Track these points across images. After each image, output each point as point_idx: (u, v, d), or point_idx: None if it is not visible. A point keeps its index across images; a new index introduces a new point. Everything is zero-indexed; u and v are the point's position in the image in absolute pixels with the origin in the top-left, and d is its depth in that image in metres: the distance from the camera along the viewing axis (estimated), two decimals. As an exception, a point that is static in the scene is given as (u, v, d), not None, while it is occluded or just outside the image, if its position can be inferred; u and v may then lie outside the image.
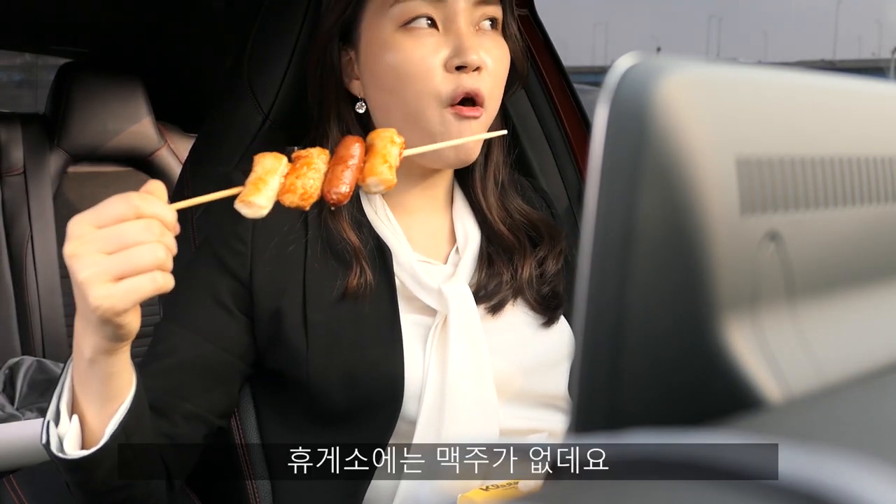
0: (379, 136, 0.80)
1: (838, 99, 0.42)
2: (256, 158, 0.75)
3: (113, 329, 0.67)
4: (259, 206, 0.73)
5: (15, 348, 2.00)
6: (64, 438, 0.73)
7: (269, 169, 0.74)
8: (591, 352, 0.33)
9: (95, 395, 0.73)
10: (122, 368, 0.73)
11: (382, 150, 0.79)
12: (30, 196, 2.05)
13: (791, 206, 0.37)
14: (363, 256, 0.90)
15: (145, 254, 0.64)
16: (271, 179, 0.74)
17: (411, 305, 0.91)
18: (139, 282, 0.64)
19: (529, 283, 0.96)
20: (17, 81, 9.21)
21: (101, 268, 0.64)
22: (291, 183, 0.75)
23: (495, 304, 0.93)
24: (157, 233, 0.65)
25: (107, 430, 0.73)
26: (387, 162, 0.78)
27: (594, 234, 0.33)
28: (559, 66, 1.36)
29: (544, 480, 0.35)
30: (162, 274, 0.66)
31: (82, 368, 0.72)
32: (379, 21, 0.90)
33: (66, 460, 0.73)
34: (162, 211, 0.67)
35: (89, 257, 0.64)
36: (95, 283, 0.64)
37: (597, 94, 0.33)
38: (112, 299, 0.64)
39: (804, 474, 0.26)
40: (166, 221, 0.67)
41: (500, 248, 0.97)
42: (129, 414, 0.74)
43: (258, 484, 0.95)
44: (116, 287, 0.64)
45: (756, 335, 0.35)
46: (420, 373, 0.87)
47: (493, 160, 1.00)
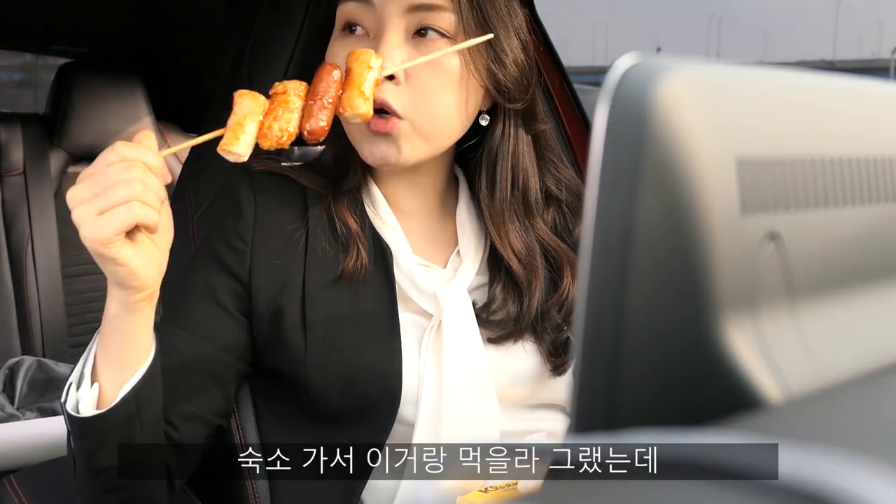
0: (357, 60, 0.80)
1: (838, 99, 0.42)
2: (236, 97, 0.78)
3: (116, 270, 0.72)
4: (238, 155, 0.76)
5: (15, 348, 2.00)
6: (81, 401, 0.77)
7: (247, 111, 0.77)
8: (591, 352, 0.33)
9: (114, 359, 0.77)
10: (142, 331, 0.77)
11: (358, 78, 0.79)
12: (30, 196, 2.06)
13: (791, 206, 0.37)
14: (360, 241, 0.90)
15: (121, 187, 0.69)
16: (248, 124, 0.76)
17: (408, 305, 0.91)
18: (115, 211, 0.69)
19: (540, 324, 0.91)
20: (17, 81, 9.20)
21: (88, 207, 0.70)
22: (269, 126, 0.77)
23: (497, 337, 0.90)
24: (137, 173, 0.70)
25: (120, 391, 0.77)
26: (362, 94, 0.79)
27: (594, 234, 0.32)
28: (559, 66, 1.36)
29: (544, 481, 0.35)
30: (140, 205, 0.70)
31: (106, 331, 0.77)
32: (336, 22, 0.90)
33: (78, 419, 0.77)
34: (145, 155, 0.72)
35: (79, 200, 0.70)
36: (83, 220, 0.70)
37: (597, 94, 0.33)
38: (93, 229, 0.69)
39: (804, 474, 0.26)
40: (150, 165, 0.72)
41: (509, 282, 0.92)
42: (144, 380, 0.77)
43: (257, 484, 0.95)
44: (98, 219, 0.69)
45: (756, 335, 0.35)
46: (416, 374, 0.87)
47: (503, 178, 0.92)
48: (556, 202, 0.98)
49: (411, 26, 0.86)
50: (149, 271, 0.73)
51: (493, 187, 0.93)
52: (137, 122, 2.18)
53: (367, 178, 0.94)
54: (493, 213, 0.93)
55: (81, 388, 0.78)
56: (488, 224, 0.93)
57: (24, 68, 8.84)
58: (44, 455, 1.41)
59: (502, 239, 0.92)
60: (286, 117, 0.77)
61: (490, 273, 0.94)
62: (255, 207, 0.90)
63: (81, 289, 2.11)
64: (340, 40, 0.88)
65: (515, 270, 0.92)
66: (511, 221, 0.93)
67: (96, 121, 2.13)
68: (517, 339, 0.90)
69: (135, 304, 0.75)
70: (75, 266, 2.11)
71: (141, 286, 0.74)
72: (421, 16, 0.85)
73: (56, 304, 2.05)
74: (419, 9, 0.85)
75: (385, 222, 0.93)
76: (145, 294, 0.75)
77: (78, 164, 2.15)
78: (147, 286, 0.74)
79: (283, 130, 0.77)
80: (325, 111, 0.78)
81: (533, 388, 0.91)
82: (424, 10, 0.85)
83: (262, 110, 0.77)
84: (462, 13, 0.85)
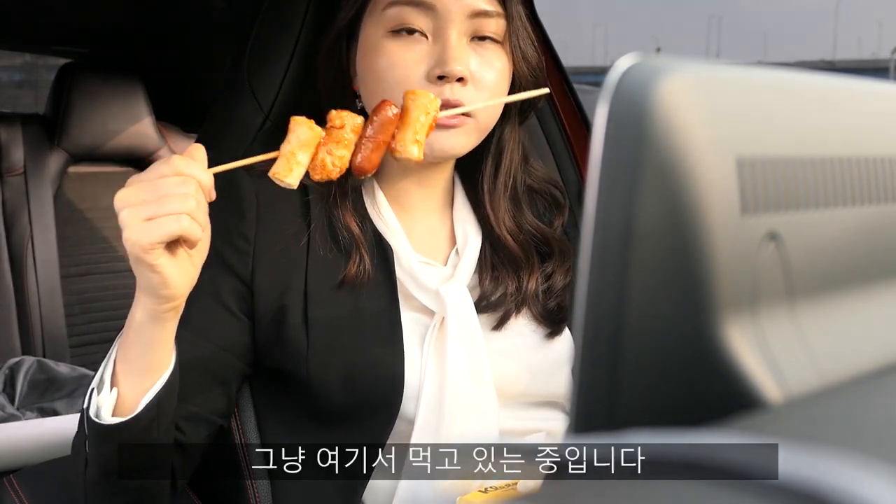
0: (414, 101, 0.81)
1: (838, 99, 0.42)
2: (292, 124, 0.78)
3: (150, 276, 0.73)
4: (289, 184, 0.78)
5: (15, 348, 2.00)
6: (102, 407, 0.78)
7: (303, 142, 0.78)
8: (591, 352, 0.33)
9: (135, 367, 0.78)
10: (165, 341, 0.78)
11: (414, 121, 0.80)
12: (30, 196, 2.05)
13: (791, 206, 0.37)
14: (363, 245, 0.91)
15: (175, 200, 0.71)
16: (301, 155, 0.78)
17: (410, 304, 0.91)
18: (164, 220, 0.71)
19: (535, 297, 0.96)
20: (18, 81, 9.21)
21: (137, 211, 0.71)
22: (322, 160, 0.78)
23: (499, 318, 0.93)
24: (191, 189, 0.71)
25: (142, 400, 0.77)
26: (416, 140, 0.80)
27: (594, 234, 0.32)
28: (559, 66, 1.36)
29: (543, 481, 0.35)
30: (189, 219, 0.71)
31: (129, 337, 0.77)
32: (374, 23, 0.90)
33: (100, 425, 0.77)
34: (199, 173, 0.73)
35: (129, 202, 0.71)
36: (129, 223, 0.71)
37: (597, 94, 0.33)
38: (138, 233, 0.70)
39: (804, 474, 0.26)
40: (202, 182, 0.73)
41: (506, 259, 0.97)
42: (165, 389, 0.78)
43: (258, 484, 0.95)
44: (145, 224, 0.71)
45: (756, 335, 0.35)
46: (418, 372, 0.87)
47: (505, 168, 0.99)
48: (531, 192, 1.03)
49: (469, 31, 0.90)
50: (181, 283, 0.74)
51: (495, 177, 0.98)
52: (137, 122, 2.18)
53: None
54: (494, 199, 0.98)
55: (101, 393, 0.78)
56: (487, 210, 0.97)
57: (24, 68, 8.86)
58: (44, 455, 1.41)
59: (500, 222, 0.97)
60: (339, 153, 0.79)
61: (482, 265, 0.96)
62: (257, 207, 0.90)
63: (81, 289, 2.11)
64: (395, 39, 0.89)
65: (512, 249, 0.96)
66: (506, 204, 0.99)
67: (96, 121, 2.13)
68: (518, 313, 0.94)
69: (162, 313, 0.75)
70: (75, 266, 2.11)
71: (170, 296, 0.74)
72: (480, 21, 0.90)
73: (56, 304, 2.05)
74: (479, 15, 0.90)
75: (386, 222, 0.94)
76: (172, 305, 0.75)
77: (78, 165, 2.15)
78: (176, 297, 0.75)
79: (335, 166, 0.78)
80: (377, 152, 0.80)
81: (532, 377, 0.92)
82: (483, 16, 0.90)
83: (316, 141, 0.78)
84: (509, 19, 0.92)
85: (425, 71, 0.88)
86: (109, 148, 2.16)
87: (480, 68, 0.89)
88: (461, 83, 0.88)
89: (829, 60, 54.67)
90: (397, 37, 0.89)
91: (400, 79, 0.88)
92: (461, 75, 0.87)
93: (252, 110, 1.05)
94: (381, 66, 0.89)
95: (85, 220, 2.13)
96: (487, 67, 0.90)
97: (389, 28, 0.89)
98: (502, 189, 0.98)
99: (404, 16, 0.88)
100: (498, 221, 0.97)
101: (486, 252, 0.97)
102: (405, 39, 0.89)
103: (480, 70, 0.89)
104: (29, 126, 2.12)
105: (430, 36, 0.89)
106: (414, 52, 0.88)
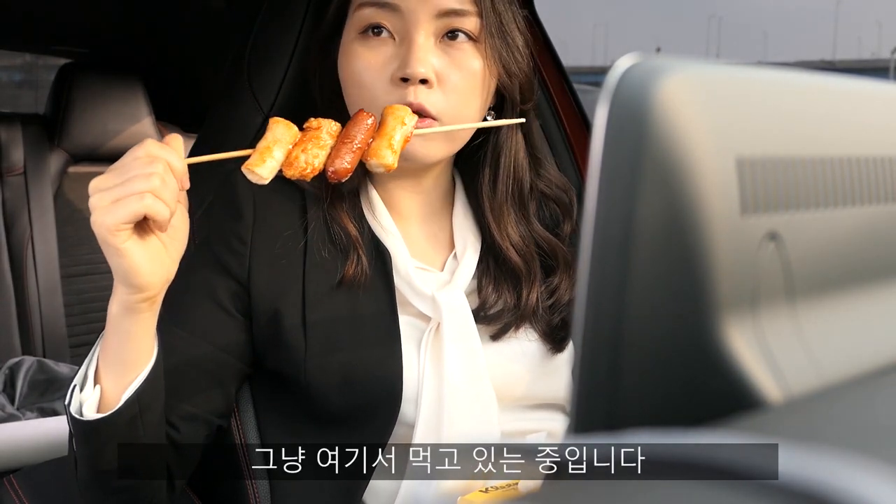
0: (392, 114, 0.82)
1: (838, 99, 0.42)
2: (270, 123, 0.80)
3: (118, 261, 0.72)
4: (261, 177, 0.78)
5: (15, 348, 2.00)
6: (84, 403, 0.77)
7: (278, 138, 0.79)
8: (591, 352, 0.33)
9: (116, 360, 0.77)
10: (143, 333, 0.77)
11: (391, 131, 0.81)
12: (30, 196, 2.06)
13: (791, 206, 0.37)
14: (360, 246, 0.90)
15: (139, 180, 0.71)
16: (277, 151, 0.79)
17: (406, 308, 0.91)
18: (128, 199, 0.70)
19: (537, 312, 0.93)
20: (18, 81, 9.20)
21: (105, 194, 0.71)
22: (296, 156, 0.79)
23: (496, 331, 0.91)
24: (157, 168, 0.71)
25: (123, 395, 0.77)
26: (391, 147, 0.81)
27: (594, 234, 0.32)
28: (559, 66, 1.36)
29: (544, 481, 0.35)
30: (152, 197, 0.71)
31: (108, 330, 0.77)
32: (349, 26, 0.90)
33: (81, 422, 0.77)
34: (169, 155, 0.73)
35: (99, 188, 0.72)
36: (96, 206, 0.71)
37: (597, 94, 0.33)
38: (103, 215, 0.71)
39: (804, 474, 0.26)
40: (173, 165, 0.73)
41: (507, 271, 0.94)
42: (146, 382, 0.77)
43: (258, 484, 0.95)
44: (111, 206, 0.71)
45: (756, 335, 0.35)
46: (416, 375, 0.87)
47: (504, 172, 0.95)
48: (542, 197, 1.00)
49: (439, 30, 0.88)
50: (152, 271, 0.73)
51: (495, 182, 0.96)
52: (137, 122, 2.18)
53: (365, 180, 0.95)
54: (494, 206, 0.95)
55: (84, 390, 0.78)
56: (488, 218, 0.95)
57: (24, 68, 8.85)
58: (44, 455, 1.41)
59: (502, 231, 0.94)
60: (314, 152, 0.80)
61: (483, 274, 0.95)
62: (254, 209, 0.90)
63: (81, 289, 2.11)
64: (363, 42, 0.88)
65: (514, 261, 0.94)
66: (509, 214, 0.95)
67: (96, 121, 2.14)
68: (518, 328, 0.92)
69: (135, 304, 0.75)
70: (75, 266, 2.11)
71: (142, 285, 0.74)
72: (449, 20, 0.87)
73: (56, 304, 2.05)
74: (448, 14, 0.87)
75: (383, 226, 0.93)
76: (146, 296, 0.75)
77: (78, 165, 2.15)
78: (148, 287, 0.74)
79: (308, 164, 0.79)
80: (352, 155, 0.80)
81: (533, 382, 0.91)
82: (453, 15, 0.87)
83: (292, 140, 0.80)
84: (485, 17, 0.88)
85: (390, 73, 0.86)
86: (109, 148, 2.16)
87: (447, 69, 0.87)
88: (426, 85, 0.86)
89: (829, 60, 54.66)
90: (366, 39, 0.88)
91: (365, 82, 0.87)
92: (424, 77, 0.85)
93: (252, 110, 1.05)
94: (350, 70, 0.89)
95: (85, 220, 2.12)
96: (454, 68, 0.87)
97: (359, 30, 0.89)
98: (503, 194, 0.95)
99: (372, 17, 0.88)
100: (500, 230, 0.94)
101: (489, 261, 0.95)
102: (373, 41, 0.88)
103: (446, 71, 0.87)
104: (29, 126, 2.12)
105: (397, 37, 0.88)
106: (380, 54, 0.87)
